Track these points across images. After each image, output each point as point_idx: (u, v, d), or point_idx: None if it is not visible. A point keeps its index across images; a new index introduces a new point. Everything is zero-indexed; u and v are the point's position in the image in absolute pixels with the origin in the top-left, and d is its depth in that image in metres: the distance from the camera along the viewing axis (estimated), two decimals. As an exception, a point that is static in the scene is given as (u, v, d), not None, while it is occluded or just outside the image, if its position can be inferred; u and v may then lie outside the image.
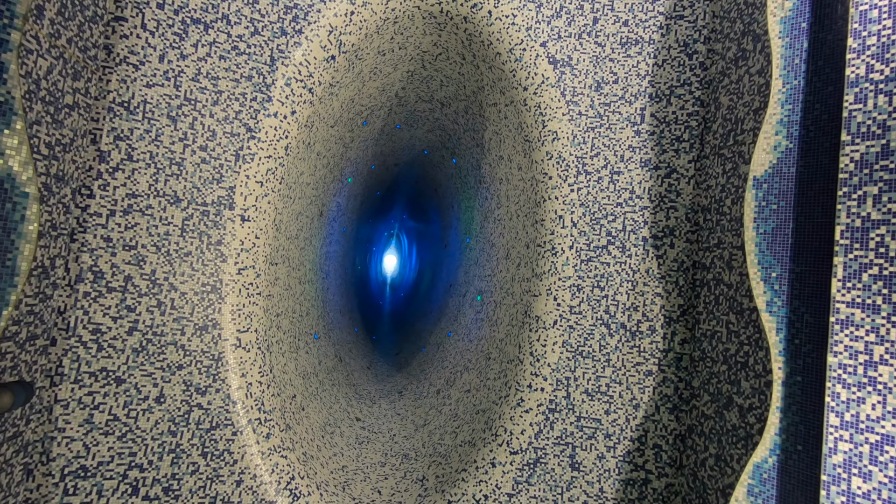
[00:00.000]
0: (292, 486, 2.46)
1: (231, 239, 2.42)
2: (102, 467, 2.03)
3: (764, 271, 1.78)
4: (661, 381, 2.43)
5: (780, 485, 1.66)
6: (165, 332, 2.21)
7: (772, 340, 1.73)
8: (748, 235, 1.84)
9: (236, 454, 2.33)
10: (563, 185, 2.75)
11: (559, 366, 2.60)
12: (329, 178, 3.94)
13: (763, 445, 1.70)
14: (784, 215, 1.76)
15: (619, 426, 2.46)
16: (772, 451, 1.69)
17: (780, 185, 1.78)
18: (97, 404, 2.04)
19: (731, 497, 1.78)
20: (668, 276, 2.48)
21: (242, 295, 2.47)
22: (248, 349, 2.47)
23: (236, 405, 2.37)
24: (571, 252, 2.68)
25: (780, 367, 1.70)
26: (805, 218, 1.71)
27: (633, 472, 2.41)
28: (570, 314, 2.63)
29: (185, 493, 2.20)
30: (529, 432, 2.59)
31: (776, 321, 1.73)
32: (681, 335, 2.42)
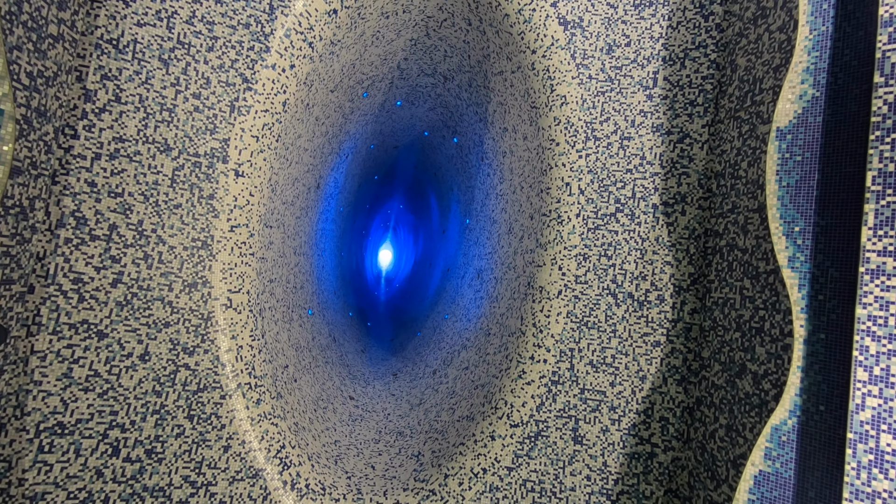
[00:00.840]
0: (283, 455, 2.35)
1: (224, 194, 2.31)
2: (81, 425, 1.92)
3: (786, 226, 1.69)
4: (669, 352, 2.34)
5: (800, 447, 1.58)
6: (152, 287, 2.10)
7: (793, 297, 1.64)
8: (770, 189, 1.75)
9: (224, 419, 2.22)
10: (570, 152, 2.65)
11: (563, 337, 2.51)
12: (327, 149, 3.83)
13: (782, 407, 1.62)
14: (809, 167, 1.67)
15: (625, 398, 2.37)
16: (791, 412, 1.60)
17: (805, 136, 1.69)
18: (77, 358, 1.92)
19: (747, 461, 1.69)
20: (679, 244, 2.39)
21: (235, 254, 2.35)
22: (239, 311, 2.35)
23: (225, 367, 2.26)
24: (578, 220, 2.59)
25: (801, 325, 1.62)
26: (832, 168, 1.63)
27: (638, 445, 2.32)
28: (576, 284, 2.54)
29: (168, 457, 2.08)
30: (531, 405, 2.49)
31: (798, 277, 1.64)
32: (690, 304, 2.34)
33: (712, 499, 2.04)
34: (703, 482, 2.11)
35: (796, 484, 1.56)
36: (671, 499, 2.26)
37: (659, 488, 2.27)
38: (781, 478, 1.59)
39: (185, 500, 2.09)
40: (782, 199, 1.71)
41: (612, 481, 2.32)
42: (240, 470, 2.22)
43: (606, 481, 2.33)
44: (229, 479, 2.19)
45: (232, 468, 2.20)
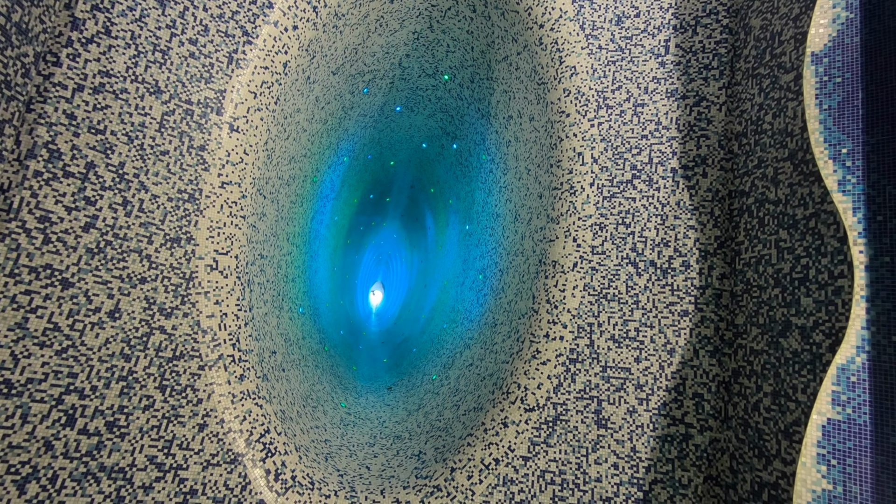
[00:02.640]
0: (266, 441, 2.05)
1: (216, 147, 2.14)
2: (32, 386, 1.64)
3: (832, 149, 1.56)
4: (698, 322, 2.13)
5: (873, 387, 1.36)
6: (129, 237, 1.88)
7: (848, 223, 1.48)
8: (811, 114, 1.63)
9: (201, 392, 1.94)
10: (582, 121, 2.55)
11: (581, 311, 2.30)
12: (325, 141, 3.72)
13: (847, 344, 1.41)
14: (851, 87, 1.57)
15: (652, 375, 2.14)
16: (859, 348, 1.40)
17: (842, 57, 1.60)
18: (35, 307, 1.67)
19: (812, 411, 1.46)
20: (702, 207, 2.24)
21: (224, 212, 2.16)
22: (225, 275, 2.13)
23: (206, 335, 2.00)
24: (592, 189, 2.45)
25: (861, 251, 1.45)
26: (877, 85, 1.52)
27: (670, 426, 2.07)
28: (592, 255, 2.36)
29: (133, 432, 1.79)
30: (547, 386, 2.24)
31: (851, 201, 1.49)
32: (719, 269, 2.16)
33: (762, 480, 1.78)
34: (749, 463, 1.85)
35: (873, 430, 1.33)
36: (711, 487, 1.98)
37: (697, 475, 1.99)
38: (855, 424, 1.36)
39: (149, 486, 1.77)
40: (825, 123, 1.59)
41: (643, 469, 2.04)
42: (216, 453, 1.91)
43: (636, 469, 2.05)
44: (203, 462, 1.88)
45: (207, 450, 1.90)
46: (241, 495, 1.90)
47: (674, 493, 1.99)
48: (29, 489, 1.59)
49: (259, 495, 1.93)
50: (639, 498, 2.01)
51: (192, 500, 1.82)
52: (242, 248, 2.25)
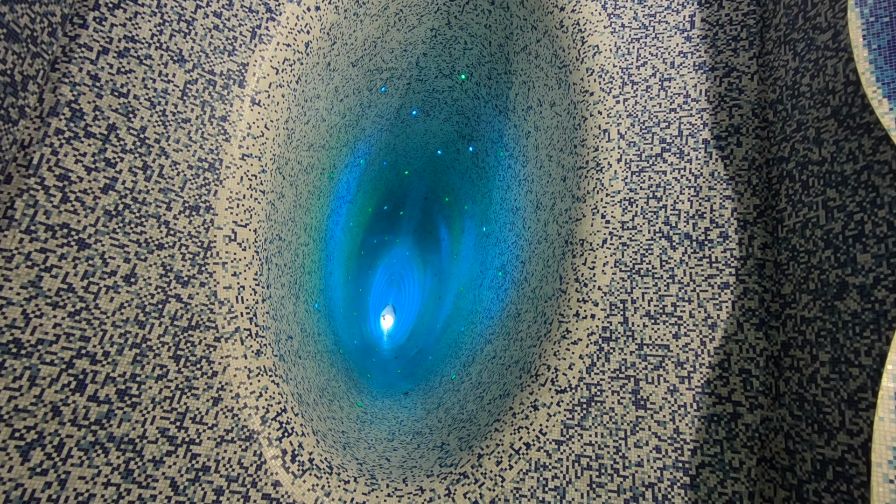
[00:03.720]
0: (283, 420, 1.93)
1: (237, 119, 2.12)
2: (43, 347, 1.56)
3: (886, 87, 1.47)
4: (741, 294, 2.00)
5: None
6: (148, 202, 1.83)
7: (912, 161, 1.37)
8: (859, 55, 1.55)
9: (217, 365, 1.85)
10: (606, 98, 2.50)
11: (612, 288, 2.19)
12: (343, 137, 3.71)
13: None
14: (902, 25, 1.49)
15: (693, 352, 2.00)
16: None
17: (890, -3, 1.53)
18: (50, 266, 1.61)
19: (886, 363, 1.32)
20: (739, 177, 2.15)
21: (244, 185, 2.11)
22: (244, 247, 2.06)
23: (223, 306, 1.92)
24: (620, 165, 2.37)
25: (929, 188, 1.33)
26: (931, 20, 1.44)
27: (716, 405, 1.91)
28: (623, 230, 2.26)
29: (145, 402, 1.69)
30: (579, 366, 2.11)
31: (913, 137, 1.39)
32: (760, 239, 2.04)
33: (825, 457, 1.61)
34: (809, 440, 1.69)
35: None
36: (766, 470, 1.80)
37: (749, 456, 1.82)
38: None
39: (160, 460, 1.66)
40: (875, 63, 1.51)
41: (689, 451, 1.88)
42: (230, 429, 1.80)
43: (681, 452, 1.89)
44: (217, 438, 1.77)
45: (221, 426, 1.79)
46: (256, 475, 1.78)
47: (724, 476, 1.82)
48: (33, 456, 1.49)
49: (275, 476, 1.80)
50: (685, 483, 1.84)
51: (205, 478, 1.70)
52: (261, 224, 2.19)
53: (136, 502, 1.59)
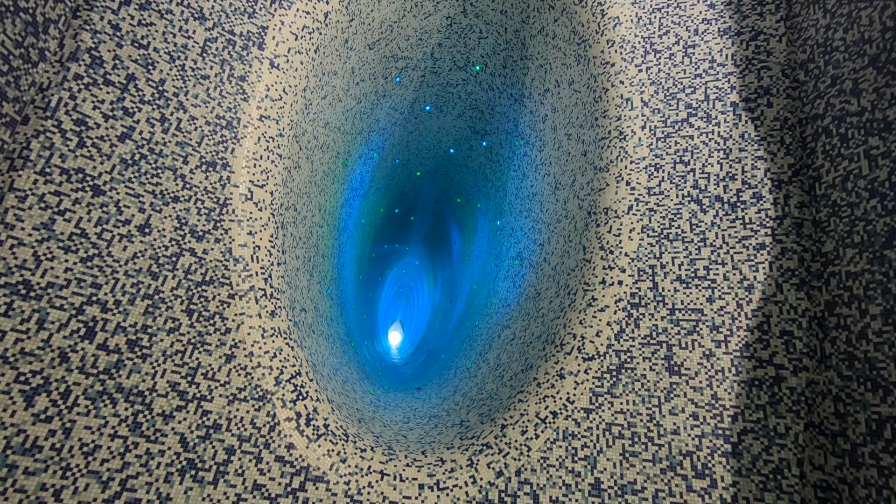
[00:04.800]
0: (298, 383, 1.84)
1: (256, 80, 2.09)
2: (53, 290, 1.50)
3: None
4: (779, 254, 1.90)
5: None
6: (165, 154, 1.79)
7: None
8: (903, -14, 1.49)
9: (230, 322, 1.77)
10: (628, 68, 2.45)
11: (640, 254, 2.10)
12: (358, 124, 3.70)
13: None
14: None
15: (729, 315, 1.89)
16: None
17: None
18: (63, 210, 1.56)
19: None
20: (771, 137, 2.07)
21: (261, 145, 2.07)
22: (260, 208, 2.01)
23: (238, 264, 1.86)
24: (644, 132, 2.31)
25: None
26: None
27: (757, 369, 1.80)
28: (649, 196, 2.19)
29: (156, 355, 1.61)
30: (607, 333, 2.00)
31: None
32: (797, 198, 1.95)
33: (882, 415, 1.49)
34: (861, 400, 1.57)
35: None
36: (814, 436, 1.67)
37: (795, 421, 1.70)
38: None
39: (170, 414, 1.58)
40: (923, -8, 1.45)
41: (729, 418, 1.76)
42: (243, 388, 1.71)
43: (720, 418, 1.77)
44: (229, 396, 1.68)
45: (234, 384, 1.70)
46: (269, 436, 1.68)
47: (769, 443, 1.69)
48: (38, 402, 1.41)
49: (289, 438, 1.71)
50: (726, 451, 1.72)
51: (216, 436, 1.61)
52: (277, 188, 2.14)
53: (143, 456, 1.50)
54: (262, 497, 1.59)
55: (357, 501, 1.67)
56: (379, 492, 1.71)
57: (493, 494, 1.74)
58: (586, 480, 1.75)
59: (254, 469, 1.62)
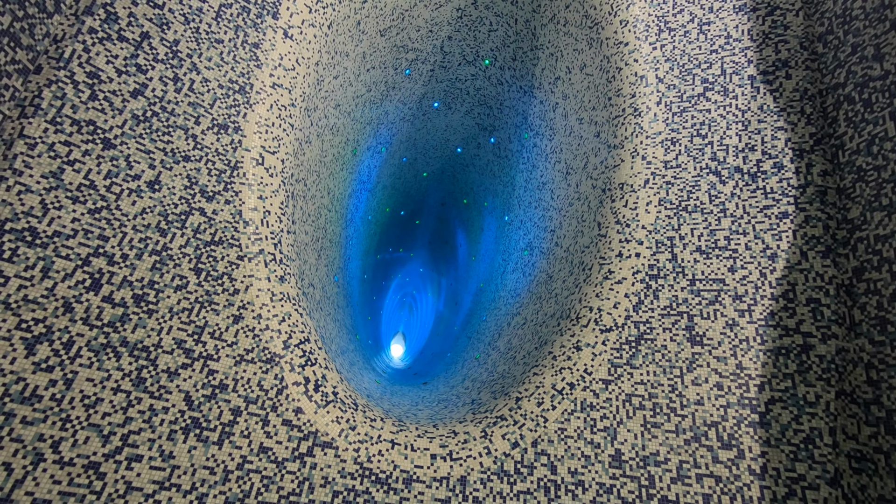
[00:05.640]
0: (307, 350, 1.79)
1: (270, 48, 2.08)
2: (59, 240, 1.46)
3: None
4: (803, 222, 1.85)
5: None
6: (177, 113, 1.77)
7: None
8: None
9: (239, 283, 1.72)
10: (642, 46, 2.44)
11: (658, 226, 2.05)
12: (368, 114, 3.69)
13: None
14: None
15: (752, 284, 1.83)
16: None
17: None
18: (73, 160, 1.53)
19: None
20: (791, 108, 2.04)
21: (273, 113, 2.05)
22: (271, 174, 1.98)
23: (248, 226, 1.82)
24: (660, 108, 2.29)
25: None
26: None
27: (783, 338, 1.73)
28: (666, 169, 2.15)
29: (162, 311, 1.56)
30: (625, 304, 1.95)
31: None
32: (819, 166, 1.91)
33: (920, 377, 1.42)
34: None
35: None
36: (846, 404, 1.60)
37: (826, 389, 1.62)
38: None
39: (175, 371, 1.52)
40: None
41: (755, 387, 1.69)
42: (251, 349, 1.65)
43: (746, 388, 1.69)
44: (236, 357, 1.62)
45: (241, 345, 1.65)
46: (277, 399, 1.62)
47: (799, 412, 1.62)
48: (39, 350, 1.36)
49: (297, 402, 1.64)
50: (753, 420, 1.64)
51: (221, 395, 1.55)
52: (289, 157, 2.11)
53: (146, 412, 1.44)
54: (268, 460, 1.52)
55: (367, 469, 1.60)
56: (389, 460, 1.64)
57: (509, 465, 1.66)
58: (606, 452, 1.67)
59: (260, 431, 1.55)
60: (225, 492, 1.44)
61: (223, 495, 1.44)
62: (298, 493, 1.51)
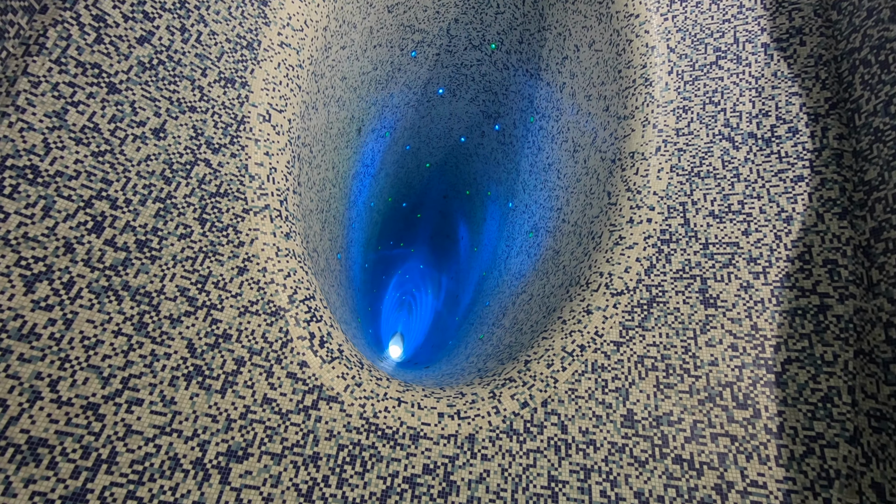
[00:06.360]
0: (312, 306, 1.74)
1: (279, 6, 2.06)
2: (61, 180, 1.42)
3: None
4: (818, 185, 1.82)
5: None
6: (184, 63, 1.74)
7: None
8: None
9: (244, 236, 1.69)
10: (653, 17, 2.42)
11: (670, 192, 2.02)
12: (373, 94, 3.67)
13: None
14: None
15: (767, 246, 1.80)
16: None
17: None
18: (77, 101, 1.49)
19: None
20: (805, 73, 2.01)
21: (281, 71, 2.02)
22: (278, 132, 1.94)
23: (253, 181, 1.78)
24: (671, 77, 2.26)
25: None
26: None
27: (799, 298, 1.69)
28: (678, 137, 2.12)
29: (165, 258, 1.52)
30: (637, 269, 1.91)
31: None
32: (835, 130, 1.88)
33: (942, 332, 1.39)
34: (917, 321, 1.46)
35: None
36: (865, 363, 1.56)
37: (844, 349, 1.59)
38: None
39: (177, 318, 1.47)
40: None
41: (771, 348, 1.65)
42: (255, 301, 1.61)
43: (762, 349, 1.65)
44: (240, 308, 1.58)
45: (246, 296, 1.61)
46: (282, 352, 1.57)
47: (816, 371, 1.58)
48: (38, 288, 1.32)
49: (301, 356, 1.60)
50: (769, 381, 1.60)
51: (225, 345, 1.51)
52: (295, 118, 2.08)
53: (147, 357, 1.39)
54: (272, 411, 1.48)
55: (373, 424, 1.55)
56: (396, 416, 1.59)
57: (518, 424, 1.62)
58: (618, 412, 1.63)
59: (264, 383, 1.51)
60: (227, 440, 1.40)
61: (225, 443, 1.39)
62: (303, 444, 1.46)
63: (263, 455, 1.42)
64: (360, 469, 1.47)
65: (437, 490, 1.48)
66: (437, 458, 1.53)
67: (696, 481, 1.50)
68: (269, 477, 1.40)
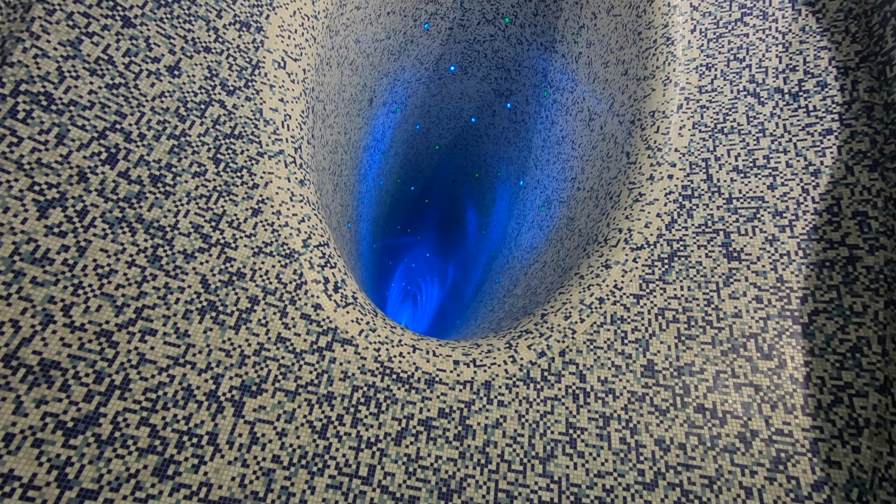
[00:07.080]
0: (326, 252, 1.71)
1: (295, -46, 2.01)
2: (75, 109, 1.39)
3: None
4: (848, 138, 1.77)
5: None
6: (199, 3, 1.70)
7: None
8: None
9: (258, 178, 1.66)
10: (676, -24, 2.36)
11: (692, 149, 1.97)
12: (386, 64, 3.62)
13: None
14: None
15: (794, 200, 1.75)
16: None
17: None
18: (91, 33, 1.46)
19: None
20: (835, 27, 1.95)
21: (296, 20, 1.98)
22: (293, 80, 1.91)
23: (268, 126, 1.75)
24: (694, 35, 2.21)
25: None
26: None
27: (827, 250, 1.64)
28: (700, 94, 2.07)
29: (179, 194, 1.49)
30: (657, 224, 1.87)
31: None
32: (865, 83, 1.82)
33: (981, 277, 1.33)
34: (952, 269, 1.41)
35: None
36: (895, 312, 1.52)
37: (874, 299, 1.54)
38: None
39: (191, 254, 1.45)
40: None
41: (797, 300, 1.60)
42: (269, 242, 1.58)
43: (787, 300, 1.61)
44: (255, 248, 1.55)
45: (260, 237, 1.58)
46: (295, 294, 1.54)
47: (845, 322, 1.53)
48: (52, 215, 1.29)
49: (316, 299, 1.57)
50: (795, 332, 1.56)
51: (239, 283, 1.48)
52: (310, 69, 2.04)
53: (161, 289, 1.37)
54: (286, 350, 1.45)
55: (388, 367, 1.53)
56: (411, 362, 1.56)
57: (535, 373, 1.59)
58: (638, 362, 1.59)
59: (278, 322, 1.48)
60: (241, 375, 1.37)
61: (239, 378, 1.37)
62: (317, 384, 1.44)
63: (277, 391, 1.39)
64: (374, 410, 1.45)
65: (454, 433, 1.45)
66: (452, 403, 1.50)
67: (719, 429, 1.46)
68: (283, 413, 1.37)
